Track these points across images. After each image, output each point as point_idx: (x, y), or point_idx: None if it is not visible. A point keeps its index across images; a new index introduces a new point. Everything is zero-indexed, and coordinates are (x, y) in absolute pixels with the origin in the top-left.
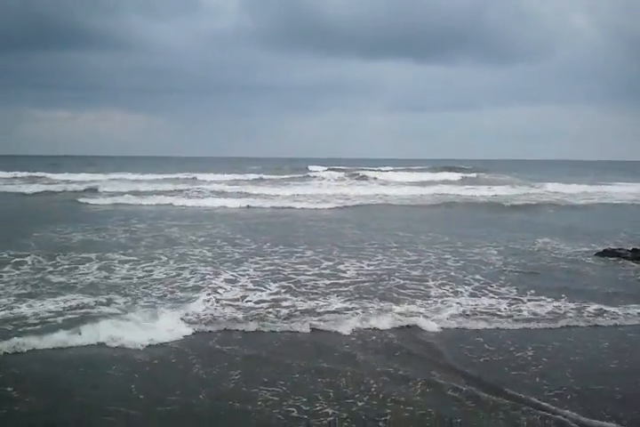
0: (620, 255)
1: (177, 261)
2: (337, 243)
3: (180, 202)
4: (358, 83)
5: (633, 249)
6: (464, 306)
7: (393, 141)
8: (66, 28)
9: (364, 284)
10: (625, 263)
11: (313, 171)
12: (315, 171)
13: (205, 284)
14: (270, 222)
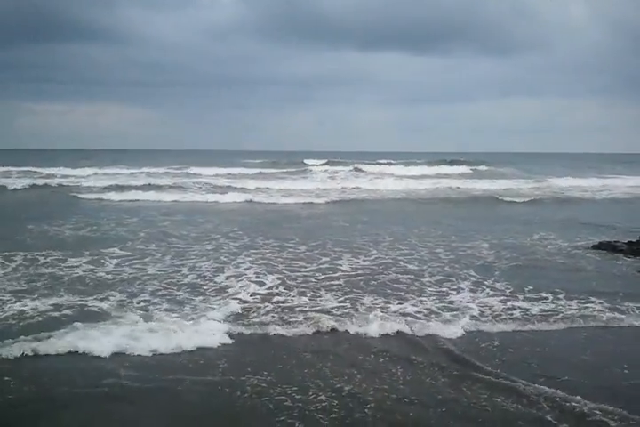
0: (617, 248)
1: (173, 257)
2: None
3: (174, 197)
4: (356, 75)
5: (629, 242)
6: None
7: (391, 134)
8: (62, 21)
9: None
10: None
11: (309, 165)
12: (311, 165)
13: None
14: (269, 218)
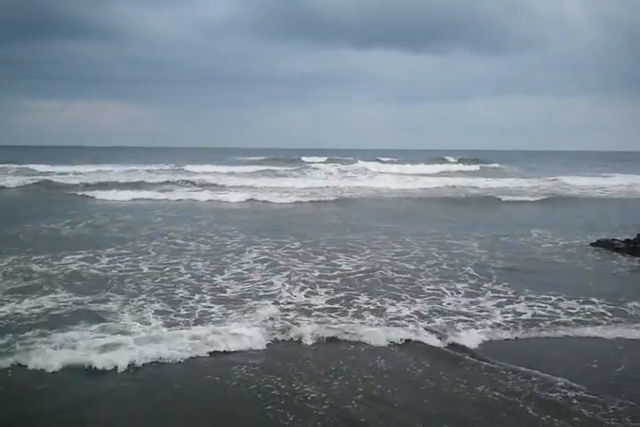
0: (614, 246)
1: (169, 255)
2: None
3: (172, 195)
4: (352, 73)
5: (626, 240)
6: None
7: (386, 132)
8: (58, 19)
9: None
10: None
11: (307, 163)
12: (309, 162)
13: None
14: (269, 218)
